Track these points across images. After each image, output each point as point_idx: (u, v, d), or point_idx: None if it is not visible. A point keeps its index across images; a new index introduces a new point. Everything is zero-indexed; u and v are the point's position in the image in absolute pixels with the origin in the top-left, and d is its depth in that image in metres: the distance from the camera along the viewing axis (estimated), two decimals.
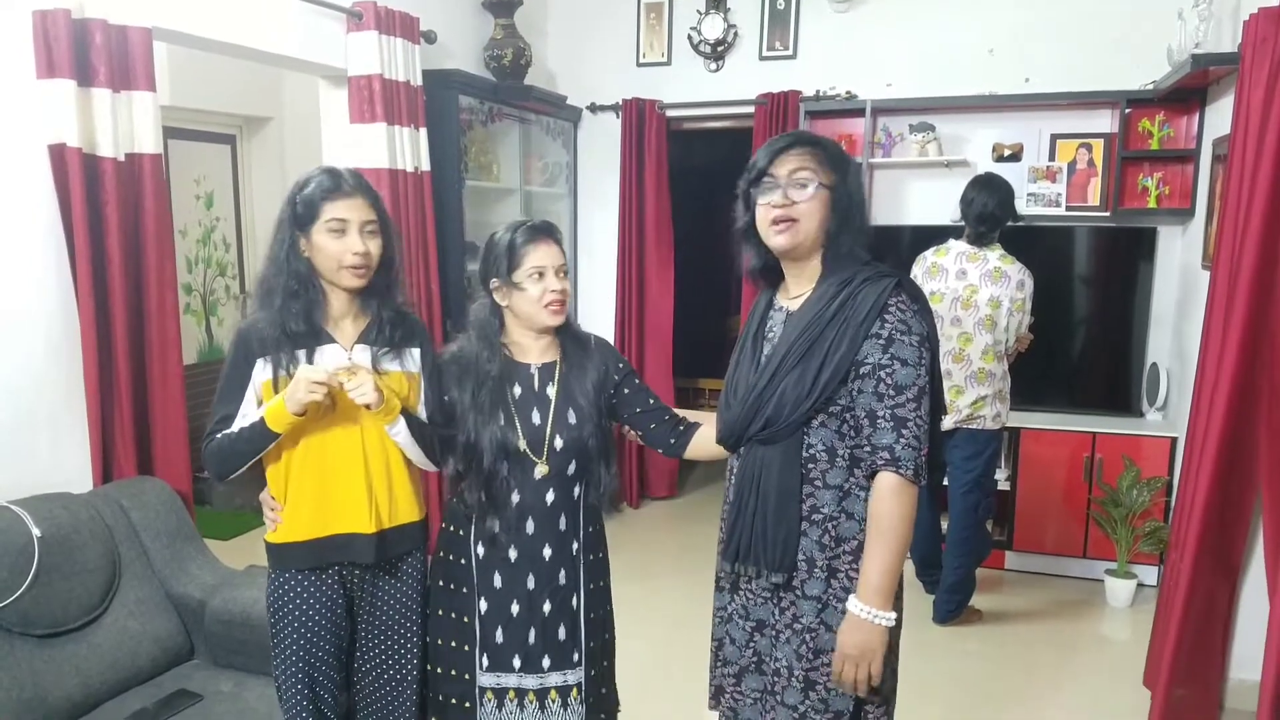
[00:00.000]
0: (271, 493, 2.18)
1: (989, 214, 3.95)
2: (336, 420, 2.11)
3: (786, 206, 1.86)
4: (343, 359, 2.11)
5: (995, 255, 3.99)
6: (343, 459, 2.14)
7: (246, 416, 2.08)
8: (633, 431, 2.32)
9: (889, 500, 1.79)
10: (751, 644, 2.01)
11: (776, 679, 1.95)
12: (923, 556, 4.37)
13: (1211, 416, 3.02)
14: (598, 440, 2.21)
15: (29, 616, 2.42)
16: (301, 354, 2.08)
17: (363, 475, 2.15)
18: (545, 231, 2.18)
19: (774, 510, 1.88)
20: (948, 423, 4.02)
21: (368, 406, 2.03)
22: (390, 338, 2.17)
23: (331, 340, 2.13)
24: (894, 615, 1.82)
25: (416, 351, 2.23)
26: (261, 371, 2.08)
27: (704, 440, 2.23)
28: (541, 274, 2.14)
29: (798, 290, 1.96)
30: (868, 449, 1.82)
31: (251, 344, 2.09)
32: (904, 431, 1.78)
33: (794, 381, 1.84)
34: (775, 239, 1.89)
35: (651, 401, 2.31)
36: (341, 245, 2.07)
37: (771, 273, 2.02)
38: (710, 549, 2.08)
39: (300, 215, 2.09)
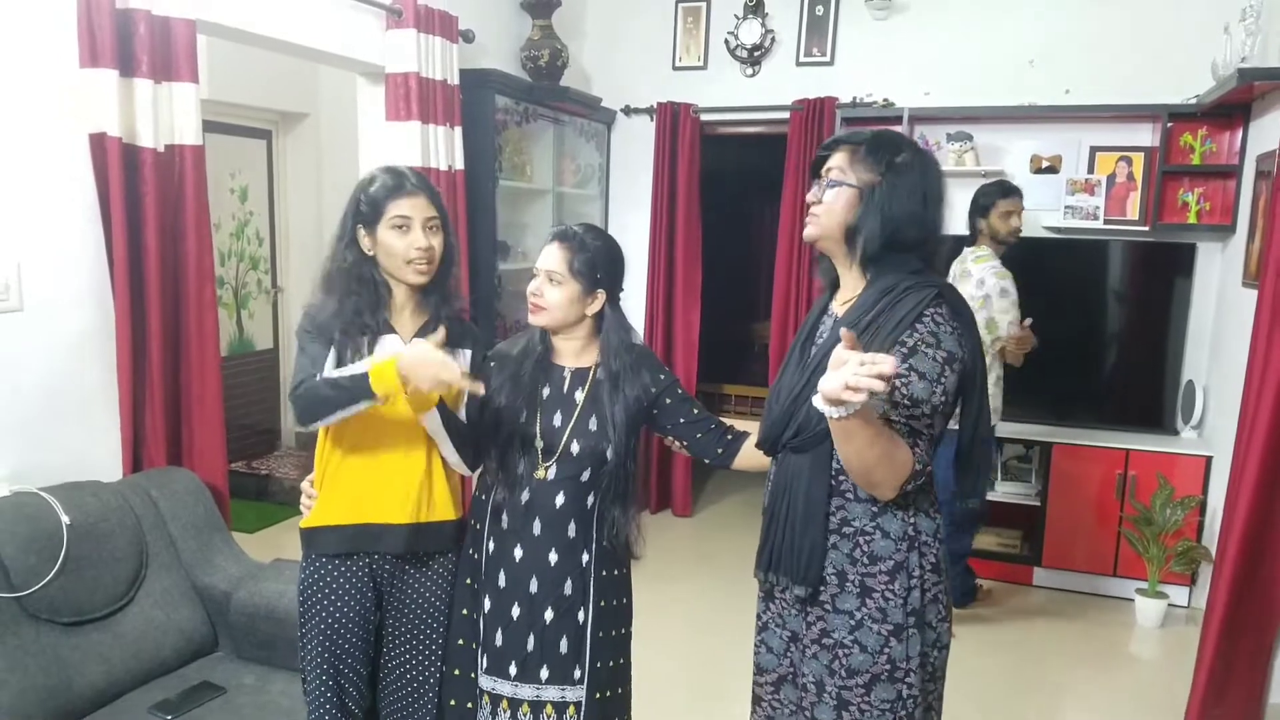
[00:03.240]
0: (316, 469, 2.21)
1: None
2: (390, 411, 2.10)
3: (814, 203, 1.89)
4: (397, 345, 2.12)
5: (971, 257, 4.16)
6: (391, 448, 2.16)
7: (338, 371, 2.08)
8: (677, 443, 2.28)
9: (903, 453, 1.70)
10: (788, 654, 1.97)
11: (805, 694, 1.91)
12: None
13: (1253, 436, 2.97)
14: (617, 468, 2.17)
15: (56, 604, 2.42)
16: (364, 341, 2.11)
17: (407, 467, 2.16)
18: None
19: (801, 521, 1.85)
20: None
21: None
22: (448, 336, 2.17)
23: (392, 331, 2.16)
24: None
25: (468, 353, 2.25)
26: (333, 357, 2.10)
27: (752, 449, 2.17)
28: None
29: (847, 295, 1.93)
30: None
31: (324, 327, 2.11)
32: (918, 443, 1.73)
33: None
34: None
35: (695, 411, 2.27)
36: (406, 241, 2.11)
37: (832, 269, 1.98)
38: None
39: (365, 213, 2.13)
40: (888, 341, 1.74)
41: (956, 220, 4.84)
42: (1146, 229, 4.66)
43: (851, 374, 1.44)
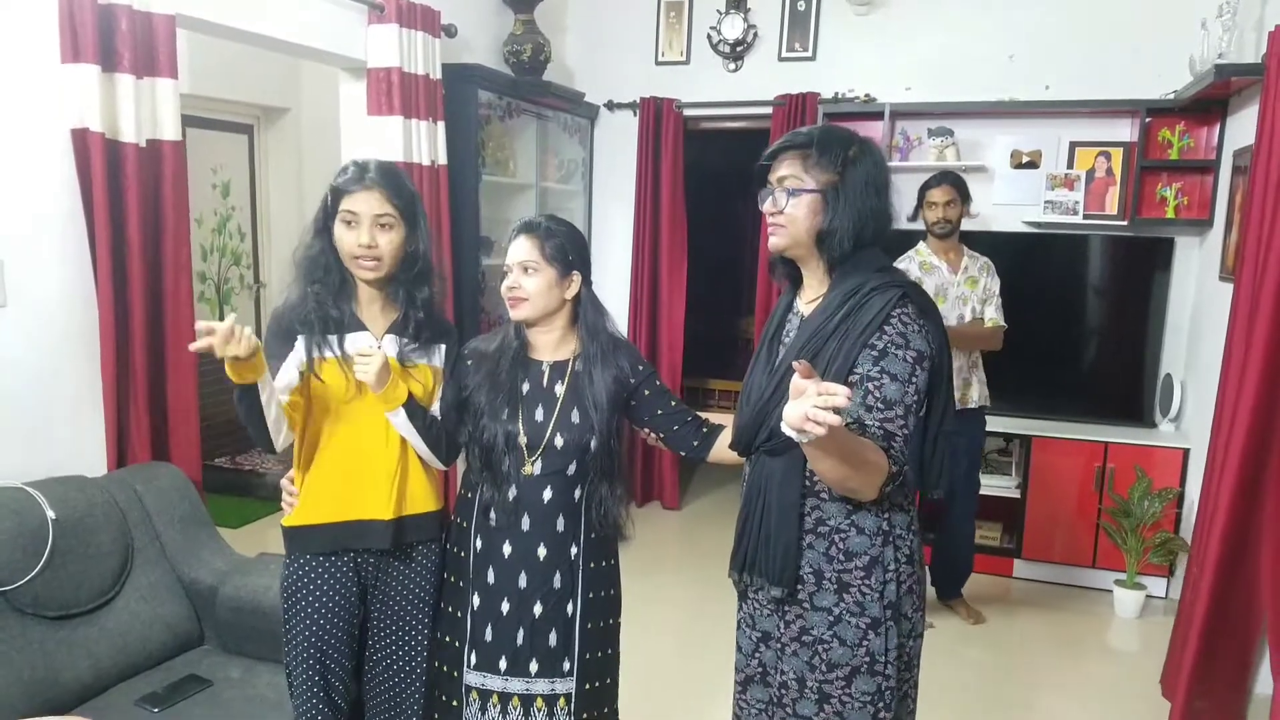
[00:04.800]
0: (295, 467, 2.21)
1: None
2: (366, 407, 2.13)
3: (775, 214, 1.86)
4: (372, 345, 2.13)
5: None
6: (364, 445, 2.16)
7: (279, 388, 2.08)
8: (654, 435, 2.29)
9: (875, 460, 1.71)
10: (756, 654, 1.99)
11: (785, 691, 1.92)
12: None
13: (1234, 429, 3.00)
14: (602, 449, 2.18)
15: (42, 598, 2.43)
16: (332, 338, 2.11)
17: (381, 463, 2.17)
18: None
19: (775, 524, 1.86)
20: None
21: (370, 386, 2.06)
22: (418, 332, 2.20)
23: (362, 327, 2.17)
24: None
25: (443, 348, 2.26)
26: (299, 350, 2.11)
27: (728, 443, 2.22)
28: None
29: (812, 294, 1.93)
30: None
31: (284, 323, 2.13)
32: (893, 442, 1.75)
33: None
34: (770, 240, 1.91)
35: (673, 404, 2.28)
36: (351, 238, 2.11)
37: (792, 268, 1.99)
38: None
39: (329, 206, 2.14)
40: (857, 344, 1.76)
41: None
42: (1125, 224, 4.70)
43: (810, 406, 1.46)
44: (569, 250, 2.18)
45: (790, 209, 1.84)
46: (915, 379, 1.76)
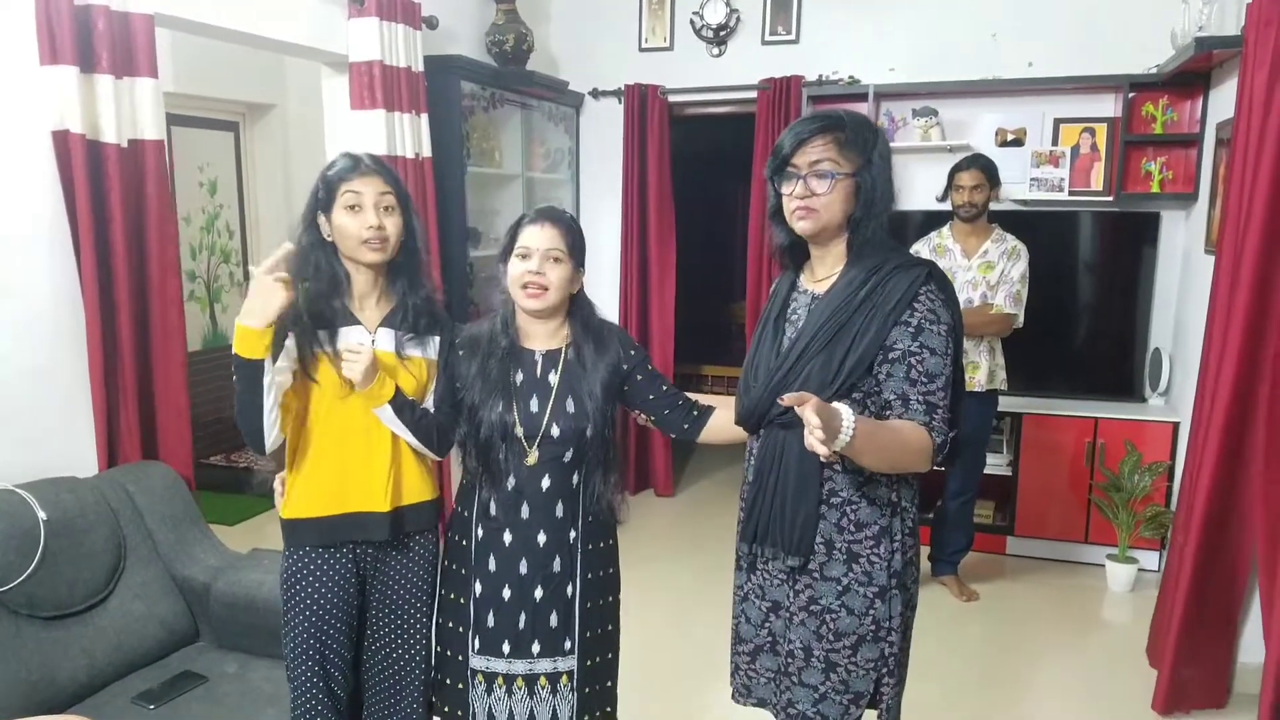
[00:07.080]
0: (286, 465, 2.21)
1: None
2: (358, 401, 2.13)
3: (807, 198, 1.86)
4: (366, 340, 2.14)
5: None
6: (355, 438, 2.17)
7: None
8: (645, 417, 2.32)
9: (916, 441, 1.78)
10: (766, 624, 2.03)
11: (791, 660, 1.97)
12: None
13: (1215, 400, 3.02)
14: (597, 437, 2.19)
15: (35, 599, 2.44)
16: (324, 334, 2.12)
17: (373, 455, 2.18)
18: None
19: (793, 493, 1.90)
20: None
21: (352, 385, 2.07)
22: (415, 324, 2.21)
23: (356, 321, 2.17)
24: (847, 433, 1.58)
25: (436, 340, 2.26)
26: (290, 350, 2.10)
27: (719, 424, 2.25)
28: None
29: (823, 273, 1.96)
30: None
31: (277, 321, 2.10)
32: (935, 415, 1.81)
33: (819, 366, 1.84)
34: (798, 224, 1.90)
35: (664, 387, 2.31)
36: (358, 221, 2.11)
37: (798, 251, 2.02)
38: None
39: (322, 198, 2.14)
40: (889, 320, 1.82)
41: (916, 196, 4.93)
42: (1111, 199, 4.71)
43: (808, 437, 1.54)
44: (580, 246, 2.21)
45: (827, 193, 1.85)
46: (949, 351, 1.84)
